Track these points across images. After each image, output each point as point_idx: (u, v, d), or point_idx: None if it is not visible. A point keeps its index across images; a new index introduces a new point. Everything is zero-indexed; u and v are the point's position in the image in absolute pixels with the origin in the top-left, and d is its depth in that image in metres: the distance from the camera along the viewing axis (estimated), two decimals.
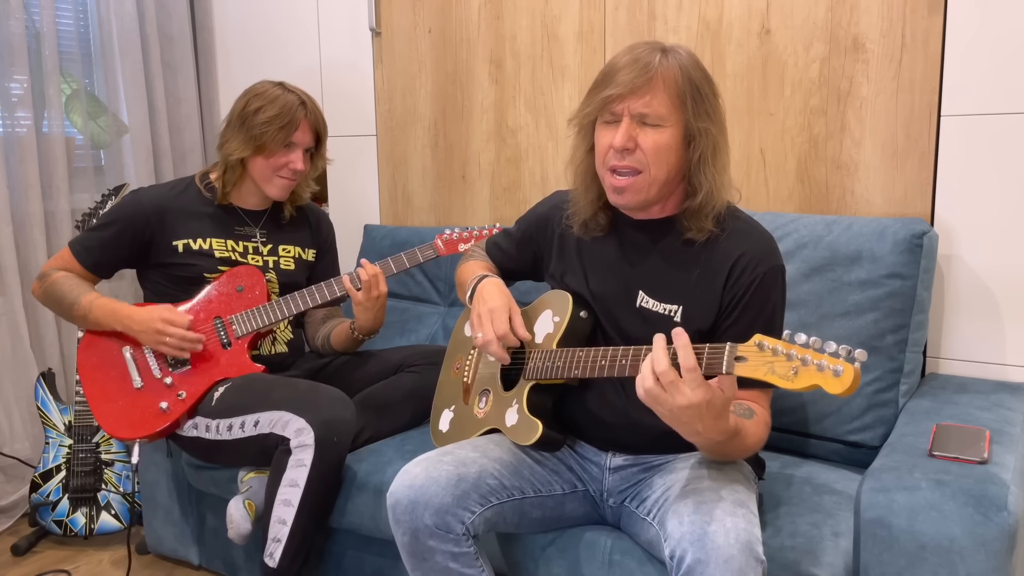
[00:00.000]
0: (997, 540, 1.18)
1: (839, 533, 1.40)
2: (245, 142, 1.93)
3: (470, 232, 2.02)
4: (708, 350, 1.17)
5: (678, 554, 1.20)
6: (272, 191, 2.01)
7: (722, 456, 1.36)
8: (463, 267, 1.75)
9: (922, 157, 1.83)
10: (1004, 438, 1.41)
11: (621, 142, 1.35)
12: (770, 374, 1.09)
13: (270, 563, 1.71)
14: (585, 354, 1.39)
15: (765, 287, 1.38)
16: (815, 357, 1.06)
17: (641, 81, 1.33)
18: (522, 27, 2.35)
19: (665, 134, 1.35)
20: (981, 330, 1.79)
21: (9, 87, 2.52)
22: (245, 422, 1.78)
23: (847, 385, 1.03)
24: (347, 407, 1.76)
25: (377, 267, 1.92)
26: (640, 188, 1.38)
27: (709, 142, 1.36)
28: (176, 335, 1.86)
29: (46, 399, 2.39)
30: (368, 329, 1.98)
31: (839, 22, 1.88)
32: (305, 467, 1.69)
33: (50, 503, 2.36)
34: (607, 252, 1.50)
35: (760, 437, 1.34)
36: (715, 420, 1.19)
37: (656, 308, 1.43)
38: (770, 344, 1.11)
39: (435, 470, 1.41)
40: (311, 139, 2.00)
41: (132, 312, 1.91)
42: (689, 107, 1.34)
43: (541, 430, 1.45)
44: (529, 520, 1.49)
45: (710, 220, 1.39)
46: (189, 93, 2.96)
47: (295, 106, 1.94)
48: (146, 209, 1.97)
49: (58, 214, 2.64)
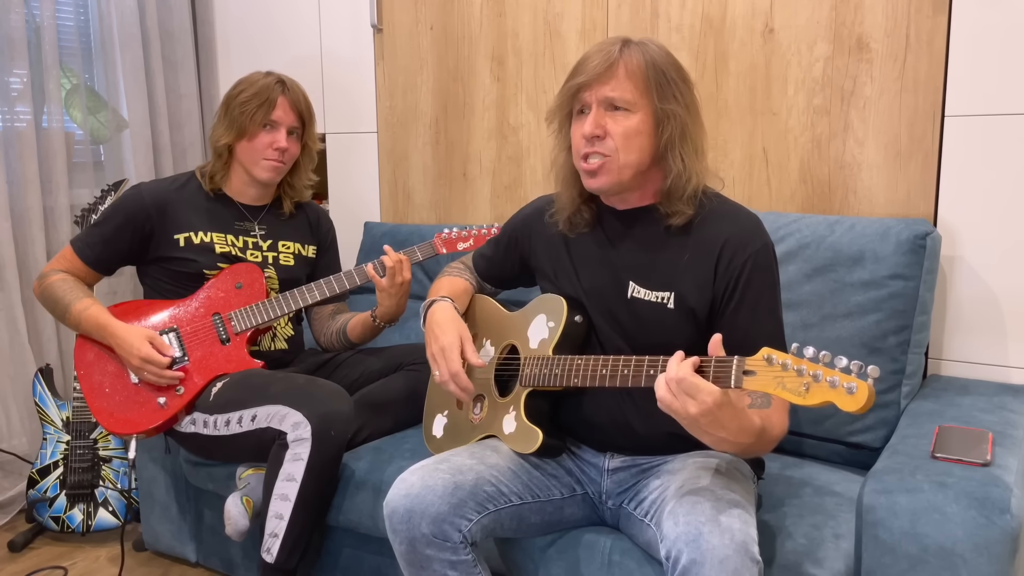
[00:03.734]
0: (1000, 543, 1.18)
1: (840, 535, 1.39)
2: (228, 127, 1.97)
3: (468, 231, 2.02)
4: (715, 363, 1.16)
5: (674, 555, 1.20)
6: (261, 174, 2.00)
7: (753, 453, 1.33)
8: (433, 285, 1.75)
9: (925, 157, 1.82)
10: (1007, 440, 1.40)
11: (590, 129, 1.38)
12: (781, 389, 1.08)
13: (267, 558, 1.70)
14: (584, 363, 1.38)
15: (758, 268, 1.37)
16: (827, 373, 1.04)
17: (604, 67, 1.37)
18: (524, 24, 2.34)
19: (634, 119, 1.37)
20: (984, 332, 1.79)
21: (9, 81, 2.51)
22: (243, 417, 1.78)
23: (861, 403, 1.02)
24: (344, 401, 1.75)
25: (402, 254, 1.92)
26: (611, 169, 1.39)
27: (677, 124, 1.37)
28: (153, 372, 1.87)
29: (44, 395, 2.38)
30: (391, 316, 1.99)
31: (843, 21, 1.88)
32: (302, 461, 1.68)
33: (47, 499, 2.35)
34: (593, 246, 1.50)
35: (784, 424, 1.32)
36: (736, 421, 1.17)
37: (648, 297, 1.42)
38: (779, 359, 1.09)
39: (431, 478, 1.40)
40: (294, 118, 2.00)
41: (117, 332, 1.89)
42: (654, 91, 1.37)
43: (541, 439, 1.44)
44: (527, 525, 1.48)
45: (686, 203, 1.40)
46: (189, 89, 2.95)
47: (272, 85, 1.97)
48: (146, 203, 1.97)
49: (57, 209, 2.63)
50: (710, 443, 1.21)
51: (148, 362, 1.86)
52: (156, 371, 1.87)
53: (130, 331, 1.89)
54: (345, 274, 1.97)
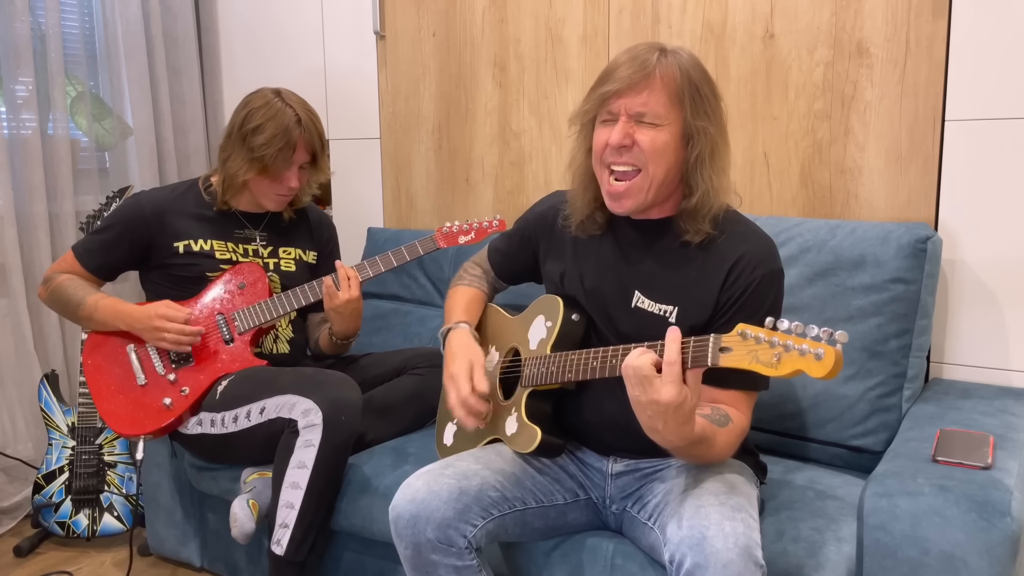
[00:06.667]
0: (1000, 546, 1.18)
1: (842, 538, 1.40)
2: (248, 163, 1.94)
3: (470, 224, 2.00)
4: (694, 343, 1.17)
5: (677, 558, 1.20)
6: (269, 205, 2.04)
7: (686, 459, 1.35)
8: (448, 300, 1.76)
9: (926, 162, 1.83)
10: (1008, 444, 1.40)
11: (618, 139, 1.35)
12: (754, 363, 1.09)
13: (277, 550, 1.71)
14: (578, 356, 1.39)
15: (762, 289, 1.37)
16: (797, 342, 1.05)
17: (639, 77, 1.33)
18: (526, 30, 2.35)
19: (663, 133, 1.35)
20: (985, 335, 1.79)
21: (14, 89, 2.52)
22: (251, 411, 1.79)
23: (828, 368, 1.02)
24: (353, 389, 1.76)
25: (354, 269, 1.94)
26: (639, 190, 1.38)
27: (707, 142, 1.35)
28: (173, 329, 1.88)
29: (49, 400, 2.40)
30: (345, 334, 2.01)
31: (843, 26, 1.88)
32: (313, 447, 1.69)
33: (53, 504, 2.36)
34: (603, 251, 1.50)
35: (730, 446, 1.33)
36: (678, 425, 1.18)
37: (651, 308, 1.42)
38: (753, 332, 1.10)
39: (436, 484, 1.40)
40: (306, 156, 2.00)
41: (133, 310, 1.93)
42: (687, 106, 1.34)
43: (540, 436, 1.44)
44: (531, 530, 1.49)
45: (707, 222, 1.39)
46: (194, 95, 2.97)
47: (292, 125, 1.92)
48: (145, 212, 1.99)
49: (62, 216, 2.64)
50: (645, 428, 1.22)
51: (166, 318, 1.88)
52: (175, 327, 1.88)
53: (143, 307, 1.93)
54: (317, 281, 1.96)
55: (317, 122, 1.99)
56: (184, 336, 1.89)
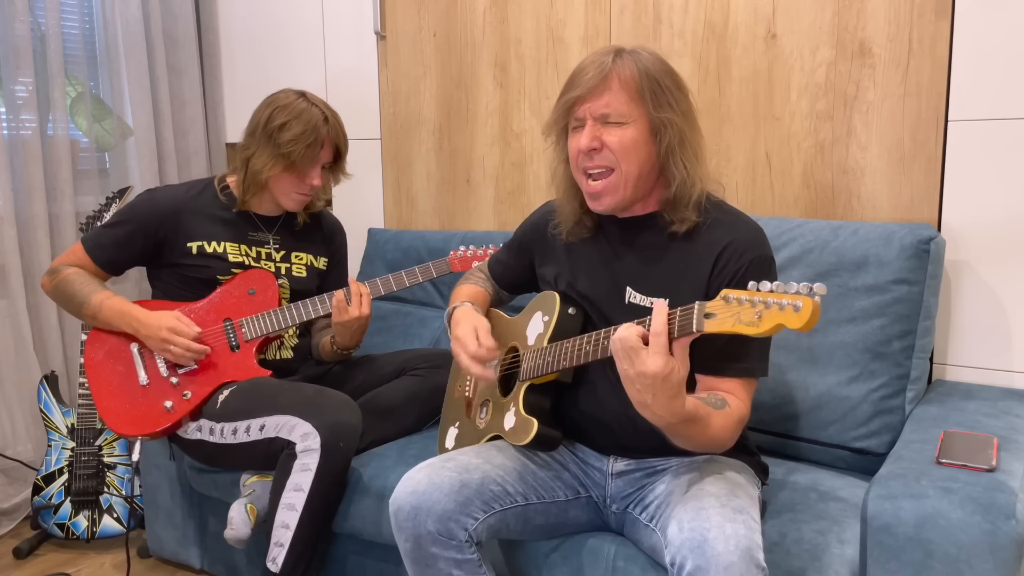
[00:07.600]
0: (1005, 548, 1.17)
1: (845, 540, 1.39)
2: (274, 159, 1.92)
3: (484, 250, 2.03)
4: (680, 312, 1.17)
5: (678, 561, 1.20)
6: (289, 204, 2.02)
7: (683, 442, 1.31)
8: (455, 292, 1.77)
9: (929, 162, 1.82)
10: (1012, 446, 1.40)
11: (586, 142, 1.39)
12: (738, 324, 1.09)
13: (273, 568, 1.70)
14: (572, 344, 1.40)
15: (751, 275, 1.36)
16: (777, 298, 1.05)
17: (597, 80, 1.37)
18: (527, 31, 2.35)
19: (630, 130, 1.38)
20: (988, 336, 1.78)
21: (14, 90, 2.52)
22: (251, 426, 1.78)
23: (806, 319, 1.02)
24: (353, 412, 1.75)
25: (366, 287, 1.94)
26: (616, 187, 1.40)
27: (675, 132, 1.38)
28: (181, 344, 1.87)
29: (49, 402, 2.39)
30: (346, 346, 2.01)
31: (845, 26, 1.88)
32: (310, 472, 1.68)
33: (52, 506, 2.36)
34: (594, 253, 1.52)
35: (728, 430, 1.31)
36: (667, 399, 1.17)
37: (644, 303, 1.43)
38: (735, 295, 1.11)
39: (438, 476, 1.40)
40: (330, 156, 2.00)
41: (141, 315, 1.91)
42: (649, 100, 1.37)
43: (536, 427, 1.44)
44: (532, 527, 1.48)
45: (690, 209, 1.40)
46: (194, 96, 2.96)
47: (319, 123, 1.92)
48: (161, 210, 1.97)
49: (62, 216, 2.64)
50: (635, 404, 1.21)
51: (175, 332, 1.86)
52: (183, 342, 1.87)
53: (153, 314, 1.91)
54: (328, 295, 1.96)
55: (341, 123, 2.00)
56: (190, 353, 1.88)
